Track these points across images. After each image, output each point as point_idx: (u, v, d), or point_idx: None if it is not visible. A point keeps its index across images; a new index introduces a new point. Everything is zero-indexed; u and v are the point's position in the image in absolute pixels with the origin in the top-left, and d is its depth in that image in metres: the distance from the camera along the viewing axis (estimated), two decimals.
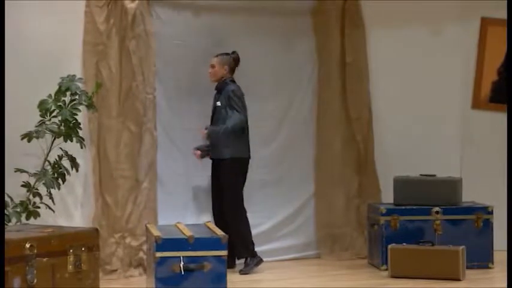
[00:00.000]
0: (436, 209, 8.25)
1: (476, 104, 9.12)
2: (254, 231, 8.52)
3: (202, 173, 8.56)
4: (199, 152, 8.31)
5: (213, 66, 8.31)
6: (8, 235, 5.43)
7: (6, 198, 6.86)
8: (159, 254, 6.51)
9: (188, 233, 6.70)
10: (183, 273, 6.50)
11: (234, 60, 8.37)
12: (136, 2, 8.13)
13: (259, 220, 8.76)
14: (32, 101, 7.05)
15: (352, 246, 8.99)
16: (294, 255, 8.93)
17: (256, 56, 8.81)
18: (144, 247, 7.84)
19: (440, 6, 8.98)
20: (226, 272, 6.59)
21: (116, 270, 8.01)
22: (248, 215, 8.35)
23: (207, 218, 7.87)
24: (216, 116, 8.28)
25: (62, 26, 7.89)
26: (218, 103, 8.24)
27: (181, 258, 6.50)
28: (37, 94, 7.08)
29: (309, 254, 9.03)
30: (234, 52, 8.37)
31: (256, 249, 8.60)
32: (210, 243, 6.63)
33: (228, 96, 8.19)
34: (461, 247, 7.77)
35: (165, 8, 8.41)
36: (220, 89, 8.31)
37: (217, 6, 8.66)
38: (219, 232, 6.78)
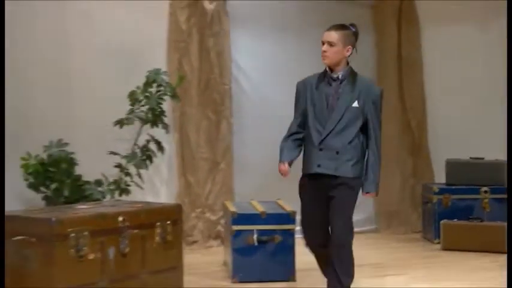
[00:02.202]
0: (485, 188, 8.21)
1: None
2: None
3: (273, 156, 8.59)
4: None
5: (331, 44, 5.35)
6: (103, 209, 5.51)
7: (102, 177, 6.96)
8: (235, 227, 6.55)
9: (261, 208, 6.72)
10: (256, 244, 6.53)
11: (356, 39, 5.51)
12: (215, 3, 8.18)
13: None
14: (122, 92, 7.12)
15: (408, 222, 8.96)
16: (355, 229, 8.88)
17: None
18: (222, 221, 7.89)
19: (487, 3, 8.87)
20: (295, 244, 6.61)
21: (196, 241, 8.10)
22: None
23: (277, 196, 7.87)
24: (345, 116, 5.28)
25: (149, 25, 7.97)
26: (355, 104, 5.28)
27: (255, 231, 6.54)
28: (127, 86, 7.15)
29: (369, 228, 9.02)
30: (354, 25, 5.50)
31: None
32: (280, 218, 6.66)
33: (372, 99, 5.35)
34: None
35: (241, 4, 8.41)
36: (351, 80, 5.42)
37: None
38: (288, 208, 6.79)
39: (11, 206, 6.39)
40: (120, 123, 6.99)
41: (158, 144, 7.17)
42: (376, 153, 5.37)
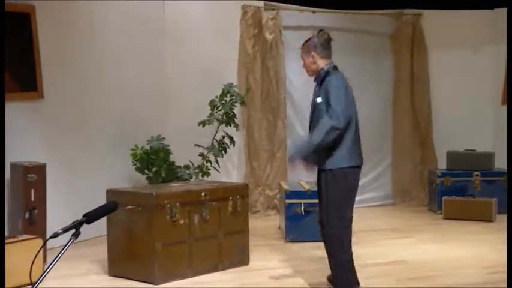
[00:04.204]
0: (476, 173, 8.08)
1: (504, 102, 8.79)
2: None
3: None
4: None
5: (303, 61, 4.63)
6: (191, 187, 5.56)
7: (189, 163, 7.01)
8: (287, 201, 6.55)
9: (307, 187, 6.69)
10: (303, 214, 6.51)
11: (324, 40, 4.59)
12: (273, 34, 8.16)
13: None
14: (205, 100, 7.17)
15: (417, 198, 8.84)
16: (377, 203, 8.84)
17: (354, 68, 8.68)
18: (278, 196, 7.89)
19: (480, 33, 8.72)
20: None
21: (258, 211, 8.11)
22: None
23: None
24: (315, 113, 4.45)
25: (224, 51, 7.99)
26: (318, 99, 4.41)
27: (302, 203, 6.52)
28: (208, 95, 7.19)
29: (387, 202, 8.92)
30: (320, 30, 4.66)
31: None
32: None
33: (326, 89, 4.38)
34: (493, 199, 7.62)
35: (293, 35, 8.37)
36: (320, 81, 4.51)
37: (330, 28, 8.53)
38: None
39: (123, 184, 6.50)
40: (203, 123, 7.04)
41: (231, 139, 7.20)
42: (315, 131, 4.28)
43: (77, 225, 2.50)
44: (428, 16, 8.76)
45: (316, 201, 6.52)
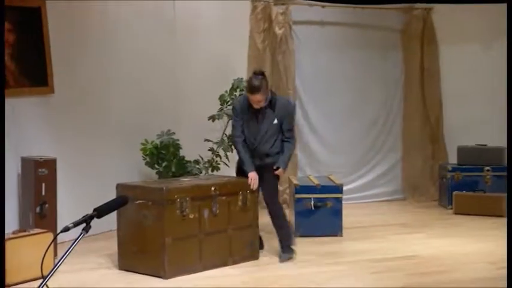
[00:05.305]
0: (487, 167, 8.04)
1: None
2: (359, 182, 8.54)
3: (321, 141, 8.56)
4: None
5: (260, 101, 5.47)
6: (200, 181, 5.56)
7: (199, 158, 7.01)
8: (297, 196, 6.55)
9: (316, 182, 6.70)
10: (313, 208, 6.52)
11: (263, 72, 5.68)
12: (283, 29, 8.15)
13: (363, 174, 8.72)
14: (215, 95, 7.16)
15: (427, 193, 8.80)
16: (387, 198, 8.82)
17: (363, 63, 8.70)
18: (287, 191, 7.89)
19: (490, 27, 8.67)
20: (342, 208, 6.56)
21: None
22: (355, 170, 8.34)
23: (329, 171, 7.80)
24: (270, 131, 5.53)
25: (234, 46, 7.98)
26: (275, 121, 5.51)
27: (312, 198, 6.52)
28: (218, 90, 7.19)
29: (397, 197, 8.88)
30: (261, 74, 5.59)
31: (360, 194, 8.55)
32: (331, 188, 6.63)
33: (283, 116, 5.53)
34: (504, 194, 7.55)
35: (302, 30, 8.37)
36: (272, 105, 5.55)
37: (339, 23, 8.61)
38: (337, 181, 6.75)
39: (133, 178, 6.52)
40: (212, 118, 7.04)
41: None
42: (289, 149, 5.65)
43: (87, 220, 2.51)
44: (438, 10, 8.70)
45: (327, 195, 6.57)
